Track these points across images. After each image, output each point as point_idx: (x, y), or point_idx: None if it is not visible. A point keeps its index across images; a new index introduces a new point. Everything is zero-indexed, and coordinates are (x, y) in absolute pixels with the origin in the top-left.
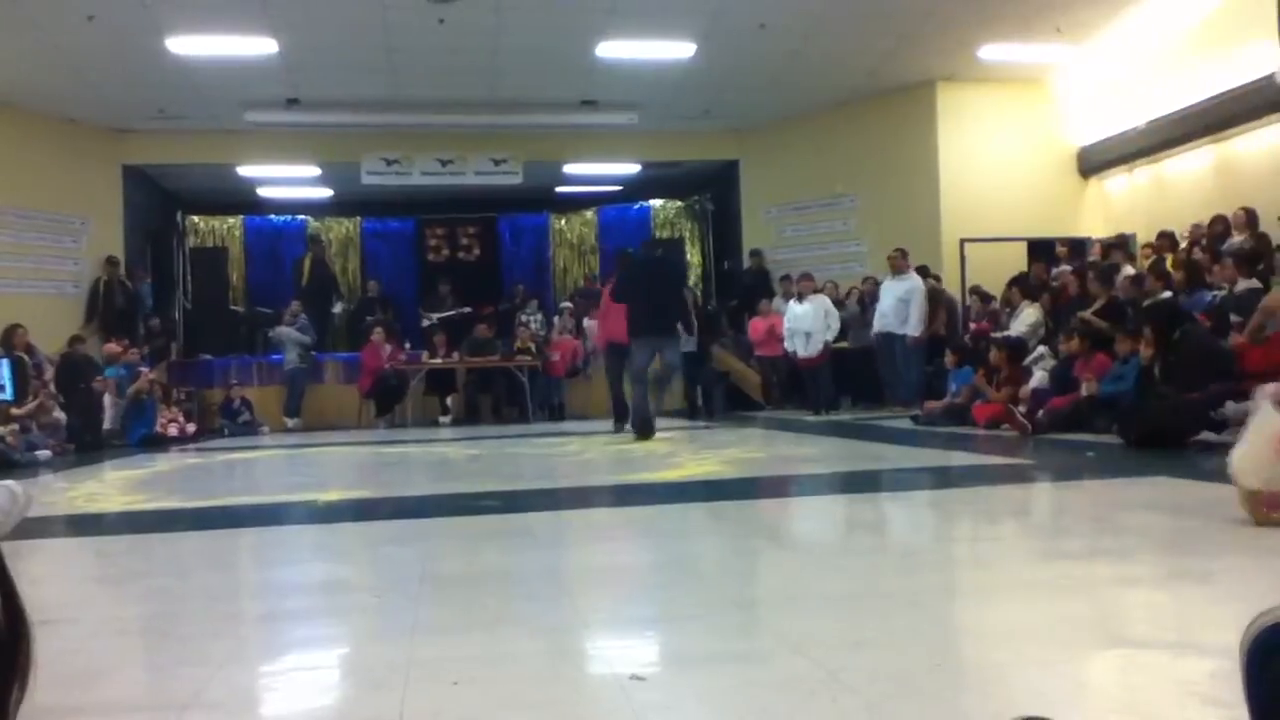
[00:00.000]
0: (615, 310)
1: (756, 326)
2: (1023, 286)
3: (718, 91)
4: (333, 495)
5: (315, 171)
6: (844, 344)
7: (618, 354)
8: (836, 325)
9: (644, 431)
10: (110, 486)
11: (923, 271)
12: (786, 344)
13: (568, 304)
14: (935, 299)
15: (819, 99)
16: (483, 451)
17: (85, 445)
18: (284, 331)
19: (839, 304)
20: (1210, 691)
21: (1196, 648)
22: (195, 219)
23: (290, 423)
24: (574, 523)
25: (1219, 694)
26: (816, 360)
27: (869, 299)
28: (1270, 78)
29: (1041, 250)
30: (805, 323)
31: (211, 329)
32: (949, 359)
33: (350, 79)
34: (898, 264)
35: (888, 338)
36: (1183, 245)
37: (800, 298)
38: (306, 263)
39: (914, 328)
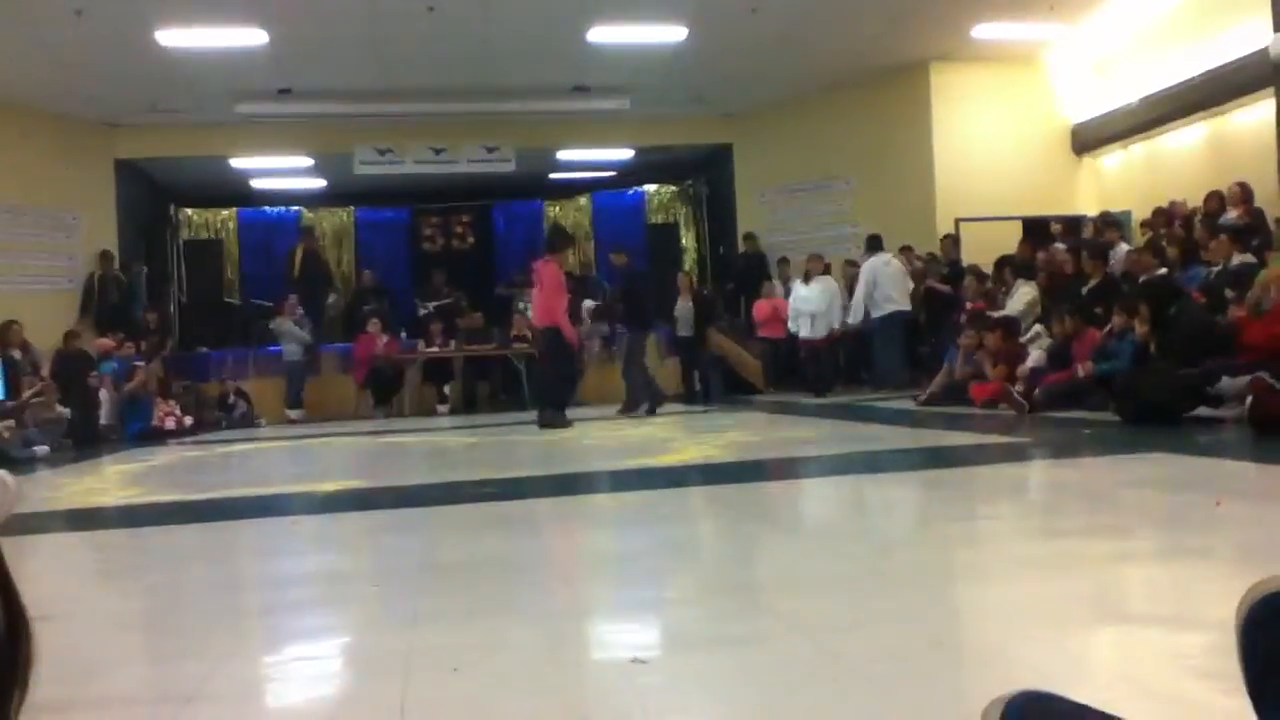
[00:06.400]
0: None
1: (761, 308)
2: (1013, 266)
3: (710, 75)
4: (331, 486)
5: (308, 162)
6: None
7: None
8: (838, 308)
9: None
10: (107, 481)
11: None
12: (790, 325)
13: None
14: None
15: (812, 81)
16: (480, 440)
17: (82, 440)
18: (284, 325)
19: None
20: (1207, 664)
21: (1193, 622)
22: (189, 212)
23: (293, 414)
24: (573, 509)
25: (1216, 667)
26: (821, 342)
27: (852, 282)
28: (1266, 51)
29: (1037, 229)
30: (811, 304)
31: (207, 322)
32: (967, 340)
33: (341, 68)
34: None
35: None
36: (1178, 224)
37: (808, 279)
38: (298, 254)
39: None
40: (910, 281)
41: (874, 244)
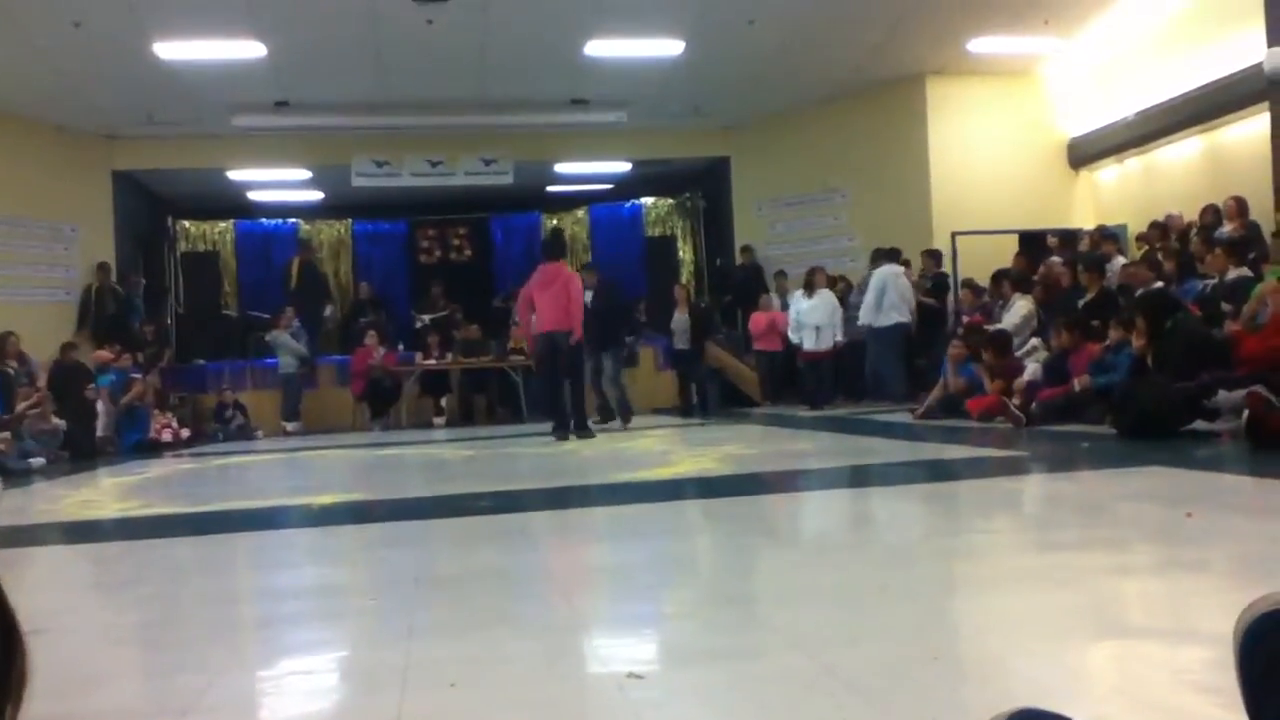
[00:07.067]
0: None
1: (758, 320)
2: (1010, 279)
3: (707, 88)
4: (328, 499)
5: (305, 174)
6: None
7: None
8: (839, 321)
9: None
10: (104, 493)
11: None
12: (792, 337)
13: None
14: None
15: (808, 94)
16: (477, 452)
17: (79, 452)
18: (280, 337)
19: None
20: (1205, 679)
21: (1192, 636)
22: (186, 224)
23: (290, 427)
24: (569, 522)
25: (1214, 681)
26: (823, 355)
27: (845, 296)
28: (1261, 66)
29: (1034, 242)
30: (814, 317)
31: (204, 334)
32: (955, 350)
33: (339, 81)
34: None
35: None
36: (1174, 237)
37: (810, 291)
38: (294, 265)
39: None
40: (913, 298)
41: (890, 255)
